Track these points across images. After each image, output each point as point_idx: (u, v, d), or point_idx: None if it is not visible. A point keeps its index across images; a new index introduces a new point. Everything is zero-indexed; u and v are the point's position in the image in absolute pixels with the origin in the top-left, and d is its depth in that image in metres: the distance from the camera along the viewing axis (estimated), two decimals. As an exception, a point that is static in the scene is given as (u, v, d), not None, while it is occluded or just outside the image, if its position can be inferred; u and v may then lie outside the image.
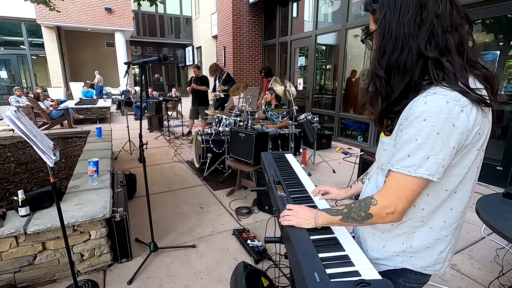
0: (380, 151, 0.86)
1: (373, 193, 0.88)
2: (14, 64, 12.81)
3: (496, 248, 2.39)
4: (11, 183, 2.61)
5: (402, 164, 0.72)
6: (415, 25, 0.70)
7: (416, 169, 0.70)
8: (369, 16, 0.82)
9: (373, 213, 0.79)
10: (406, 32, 0.71)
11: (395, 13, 0.72)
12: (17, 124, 1.25)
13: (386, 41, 0.74)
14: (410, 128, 0.70)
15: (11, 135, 4.25)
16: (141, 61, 1.91)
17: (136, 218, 2.78)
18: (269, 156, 1.59)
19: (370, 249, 0.93)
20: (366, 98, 0.83)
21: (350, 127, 6.16)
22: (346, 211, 0.85)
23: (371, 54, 0.82)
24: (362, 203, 0.82)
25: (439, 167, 0.70)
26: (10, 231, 1.70)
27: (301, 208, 0.95)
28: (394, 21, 0.72)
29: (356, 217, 0.82)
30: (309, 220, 0.91)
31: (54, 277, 1.93)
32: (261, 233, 2.57)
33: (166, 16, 16.89)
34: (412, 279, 0.88)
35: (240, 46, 8.47)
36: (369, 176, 0.99)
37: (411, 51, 0.71)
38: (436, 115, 0.66)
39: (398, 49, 0.72)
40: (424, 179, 0.71)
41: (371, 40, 0.83)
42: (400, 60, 0.72)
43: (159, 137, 6.47)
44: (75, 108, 8.08)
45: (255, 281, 1.60)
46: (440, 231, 0.82)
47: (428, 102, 0.67)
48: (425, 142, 0.68)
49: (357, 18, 5.69)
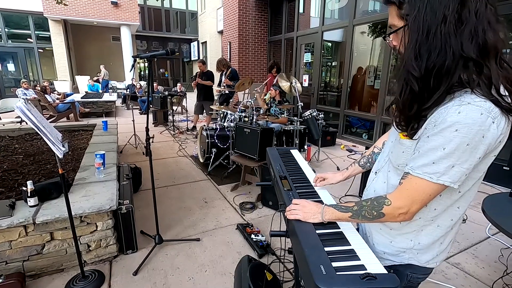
0: (398, 152, 0.83)
1: (382, 189, 0.89)
2: (21, 57, 12.91)
3: (501, 248, 2.38)
4: (19, 174, 2.65)
5: (425, 170, 0.71)
6: (456, 23, 0.64)
7: (439, 176, 0.70)
8: (391, 10, 0.75)
9: (386, 212, 0.79)
10: (446, 30, 0.65)
11: (432, 8, 0.65)
12: (28, 115, 1.27)
13: (422, 40, 0.67)
14: (439, 136, 0.68)
15: (19, 127, 4.31)
16: (149, 54, 1.92)
17: (141, 211, 2.81)
18: (274, 151, 1.59)
19: (376, 243, 0.94)
20: (397, 100, 0.76)
21: (355, 125, 6.13)
22: (357, 208, 0.85)
23: (397, 53, 0.77)
24: (375, 202, 0.81)
25: (462, 175, 0.70)
26: (20, 220, 1.73)
27: (308, 202, 0.95)
28: (431, 17, 0.66)
29: (367, 215, 0.82)
30: (315, 215, 0.91)
31: (61, 267, 1.97)
32: (265, 228, 2.59)
33: (172, 10, 16.86)
34: (418, 271, 0.90)
35: (245, 42, 8.44)
36: (376, 170, 0.98)
37: (453, 52, 0.65)
38: (468, 127, 0.64)
39: (438, 49, 0.66)
40: (444, 185, 0.71)
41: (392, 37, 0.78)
42: (441, 62, 0.66)
43: (164, 132, 6.51)
44: (81, 102, 8.14)
45: (259, 275, 1.62)
46: (447, 228, 0.84)
47: (462, 112, 0.64)
48: (453, 152, 0.67)
49: (365, 14, 5.63)
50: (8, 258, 1.81)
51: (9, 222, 1.71)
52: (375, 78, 5.62)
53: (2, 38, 12.41)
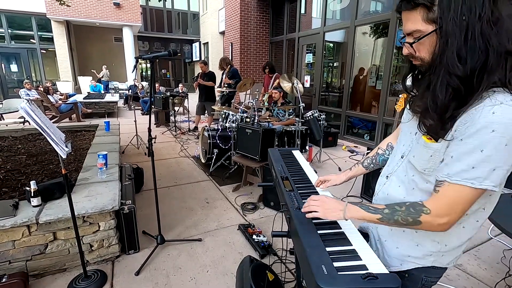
0: (425, 156, 0.79)
1: (397, 193, 0.87)
2: (24, 58, 12.99)
3: (504, 249, 2.37)
4: (23, 174, 2.67)
5: (464, 176, 0.69)
6: (492, 20, 0.64)
7: (482, 181, 0.68)
8: (413, 14, 0.71)
9: (424, 220, 0.76)
10: (485, 28, 0.64)
11: (467, 8, 0.64)
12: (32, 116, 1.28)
13: (461, 41, 0.65)
14: (475, 139, 0.66)
15: (22, 127, 4.34)
16: (152, 55, 1.93)
17: (143, 211, 2.82)
18: (276, 152, 1.60)
19: (400, 246, 0.91)
20: (432, 104, 0.72)
21: (356, 125, 6.13)
22: (389, 212, 0.81)
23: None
24: (411, 209, 0.78)
25: (504, 177, 0.69)
26: (23, 220, 1.75)
27: (328, 198, 0.90)
28: (468, 17, 0.64)
29: (400, 221, 0.79)
30: (336, 212, 0.86)
31: (64, 266, 1.98)
32: (267, 228, 2.59)
33: (173, 11, 16.91)
34: (433, 274, 0.89)
35: (247, 43, 8.45)
36: (387, 174, 0.95)
37: (495, 50, 0.64)
38: (505, 126, 0.63)
39: (481, 48, 0.64)
40: (486, 190, 0.69)
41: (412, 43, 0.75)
42: (484, 60, 0.65)
43: (165, 132, 6.52)
44: (84, 102, 8.17)
45: (261, 275, 1.62)
46: (472, 230, 0.83)
47: (496, 112, 0.63)
48: (493, 154, 0.65)
49: (366, 15, 5.63)
50: (12, 258, 1.82)
51: (13, 222, 1.73)
52: (377, 79, 5.61)
53: (5, 39, 12.49)
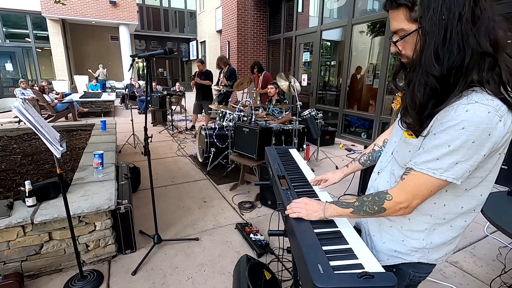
0: (404, 151, 0.83)
1: (384, 188, 0.89)
2: (20, 56, 12.87)
3: (499, 246, 2.39)
4: (18, 174, 2.64)
5: (428, 165, 0.73)
6: (471, 20, 0.65)
7: (442, 172, 0.71)
8: (397, 13, 0.73)
9: (387, 207, 0.81)
10: (463, 28, 0.65)
11: (447, 8, 0.65)
12: (25, 115, 1.26)
13: (440, 40, 0.66)
14: (445, 134, 0.69)
15: (17, 127, 4.30)
16: (147, 54, 1.92)
17: (140, 211, 2.81)
18: (273, 151, 1.59)
19: (386, 242, 0.93)
20: (411, 102, 0.74)
21: (353, 124, 6.14)
22: (358, 204, 0.86)
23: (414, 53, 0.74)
24: (376, 198, 0.83)
25: (465, 172, 0.71)
26: (18, 220, 1.73)
27: (309, 200, 0.97)
28: (448, 17, 0.65)
29: (368, 210, 0.84)
30: (317, 211, 0.92)
31: (60, 267, 1.97)
32: (264, 227, 2.59)
33: (170, 10, 16.83)
34: (421, 269, 0.91)
35: (244, 41, 8.43)
36: (378, 170, 0.99)
37: (471, 50, 0.65)
38: (475, 125, 0.65)
39: (458, 48, 0.65)
40: (447, 181, 0.72)
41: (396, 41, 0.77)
42: (461, 60, 0.66)
43: (162, 131, 6.50)
44: (80, 101, 8.12)
45: (258, 274, 1.62)
46: (460, 229, 0.85)
47: (469, 111, 0.65)
48: (458, 150, 0.68)
49: (363, 13, 5.63)
50: (6, 258, 1.80)
51: (7, 222, 1.71)
52: (374, 77, 5.62)
53: (0, 38, 12.36)
